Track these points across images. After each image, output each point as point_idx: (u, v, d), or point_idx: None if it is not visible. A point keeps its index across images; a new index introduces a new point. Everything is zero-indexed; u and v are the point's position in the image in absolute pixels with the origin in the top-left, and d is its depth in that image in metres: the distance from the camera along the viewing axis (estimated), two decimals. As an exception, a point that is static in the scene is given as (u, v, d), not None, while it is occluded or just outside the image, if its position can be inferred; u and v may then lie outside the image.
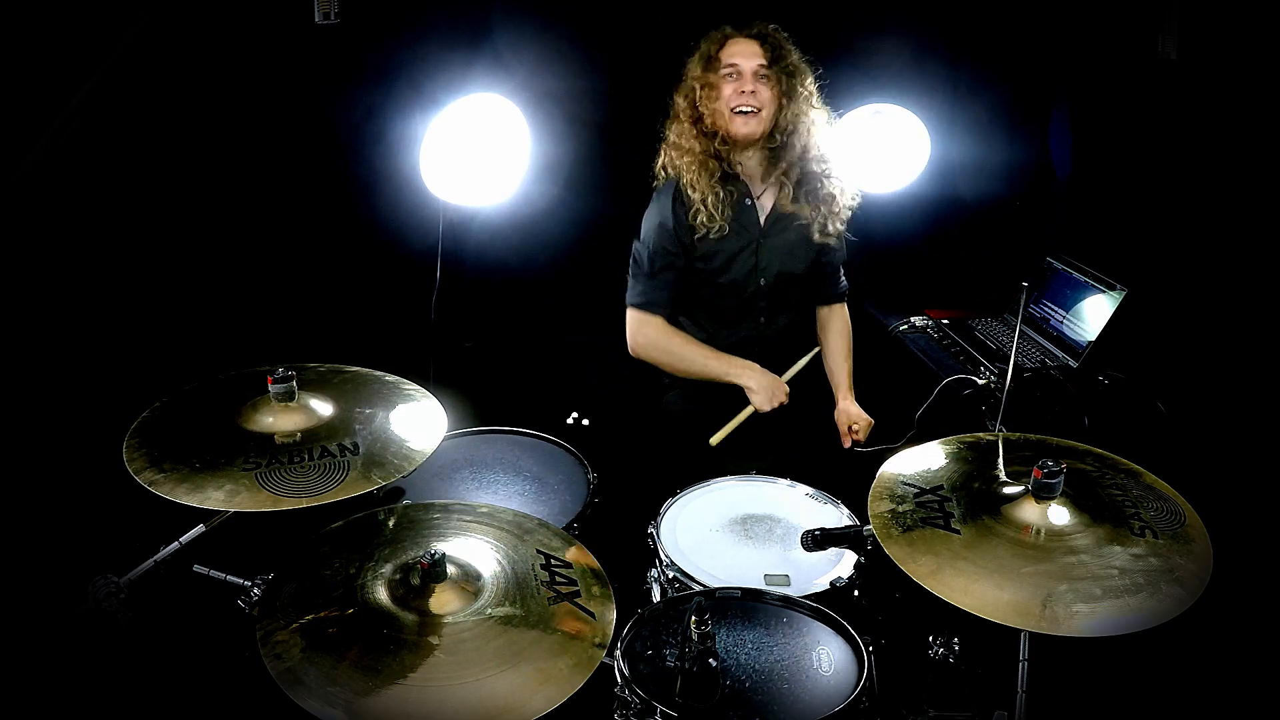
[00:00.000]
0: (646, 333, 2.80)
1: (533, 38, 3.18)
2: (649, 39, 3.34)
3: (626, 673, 1.80)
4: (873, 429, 2.80)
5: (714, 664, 1.71)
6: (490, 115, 2.87)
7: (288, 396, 2.07)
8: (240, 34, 2.77)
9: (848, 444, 2.77)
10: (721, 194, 2.68)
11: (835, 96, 2.85)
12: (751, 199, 2.76)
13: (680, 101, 2.73)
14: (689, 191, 2.70)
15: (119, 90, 2.44)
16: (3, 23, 2.20)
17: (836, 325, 2.99)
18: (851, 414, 2.82)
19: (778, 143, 2.70)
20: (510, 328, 3.60)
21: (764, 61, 2.63)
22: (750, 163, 2.75)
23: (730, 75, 2.63)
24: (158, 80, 2.57)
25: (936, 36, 3.39)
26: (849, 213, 2.82)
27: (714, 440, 2.73)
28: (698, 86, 2.67)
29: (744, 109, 2.63)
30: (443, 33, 3.12)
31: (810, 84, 2.72)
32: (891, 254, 3.43)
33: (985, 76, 3.46)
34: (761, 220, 2.76)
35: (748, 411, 2.73)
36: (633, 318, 2.82)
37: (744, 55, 2.64)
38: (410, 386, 2.28)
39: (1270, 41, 2.76)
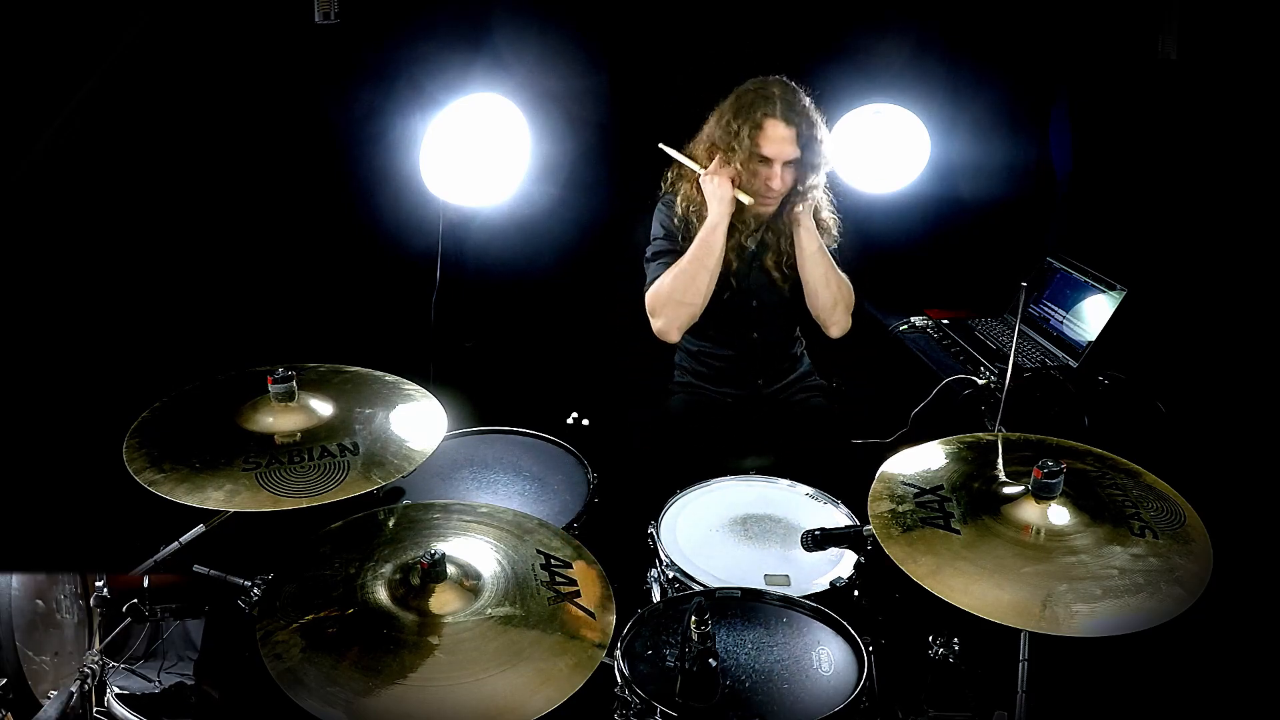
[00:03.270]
0: (652, 301, 2.72)
1: (533, 38, 3.18)
2: (649, 38, 3.34)
3: (626, 673, 1.80)
4: (875, 430, 2.80)
5: (714, 664, 1.71)
6: (490, 115, 2.88)
7: (288, 396, 2.07)
8: (240, 34, 2.77)
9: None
10: (732, 259, 2.72)
11: (835, 96, 2.85)
12: (750, 227, 2.77)
13: (709, 162, 2.70)
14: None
15: (119, 90, 2.44)
16: (3, 23, 2.20)
17: None
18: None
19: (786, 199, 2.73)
20: (510, 328, 3.60)
21: (796, 155, 2.63)
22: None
23: (763, 163, 2.63)
24: (158, 80, 2.57)
25: (936, 36, 3.39)
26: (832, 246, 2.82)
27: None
28: (733, 168, 2.65)
29: (770, 195, 2.67)
30: (443, 33, 3.12)
31: (829, 166, 2.73)
32: (891, 254, 3.43)
33: (985, 76, 3.46)
34: (755, 247, 2.77)
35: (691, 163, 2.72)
36: (648, 302, 2.74)
37: (778, 145, 2.61)
38: (410, 386, 2.28)
39: (1270, 41, 2.76)
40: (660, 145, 2.76)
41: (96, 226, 2.56)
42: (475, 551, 1.83)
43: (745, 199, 2.64)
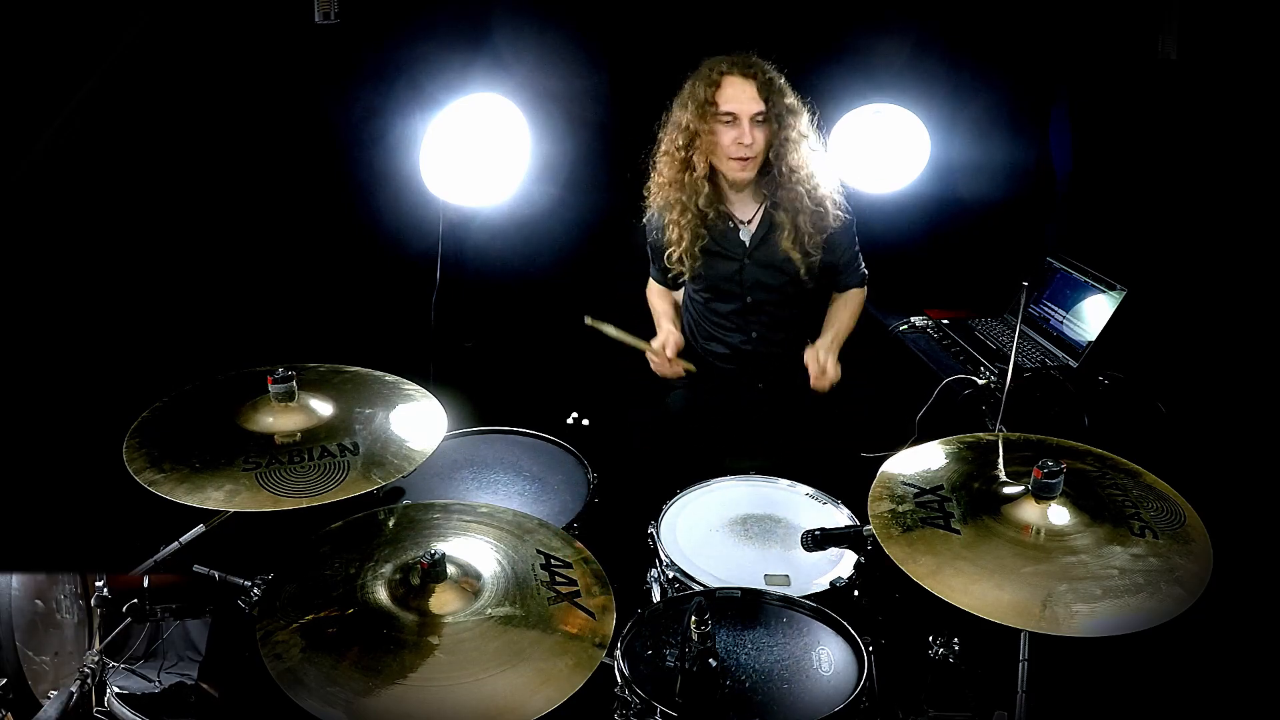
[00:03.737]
0: (649, 293, 3.03)
1: (533, 38, 3.18)
2: (649, 38, 3.34)
3: (626, 673, 1.80)
4: (875, 431, 2.79)
5: (714, 664, 1.71)
6: (490, 115, 2.88)
7: (288, 396, 2.08)
8: (240, 34, 2.77)
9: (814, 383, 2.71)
10: (700, 243, 2.74)
11: (835, 96, 2.85)
12: (737, 222, 2.77)
13: (670, 143, 2.69)
14: (669, 232, 2.75)
15: (119, 90, 2.44)
16: (3, 23, 2.20)
17: (842, 298, 2.94)
18: (819, 358, 2.72)
19: (769, 175, 2.70)
20: (510, 328, 3.60)
21: (761, 108, 2.59)
22: (741, 190, 2.77)
23: (728, 121, 2.60)
24: (158, 80, 2.57)
25: (936, 36, 3.38)
26: (835, 228, 2.80)
27: (595, 323, 2.63)
28: (692, 132, 2.63)
29: (741, 157, 2.63)
30: (443, 33, 3.12)
31: (804, 123, 2.69)
32: (891, 254, 3.43)
33: (985, 76, 3.46)
34: (747, 242, 2.77)
35: (638, 343, 2.72)
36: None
37: (740, 100, 2.58)
38: (410, 386, 2.28)
39: (1270, 41, 2.76)
40: (588, 320, 2.66)
41: (96, 226, 2.56)
42: (475, 551, 1.83)
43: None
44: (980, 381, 2.94)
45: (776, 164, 2.67)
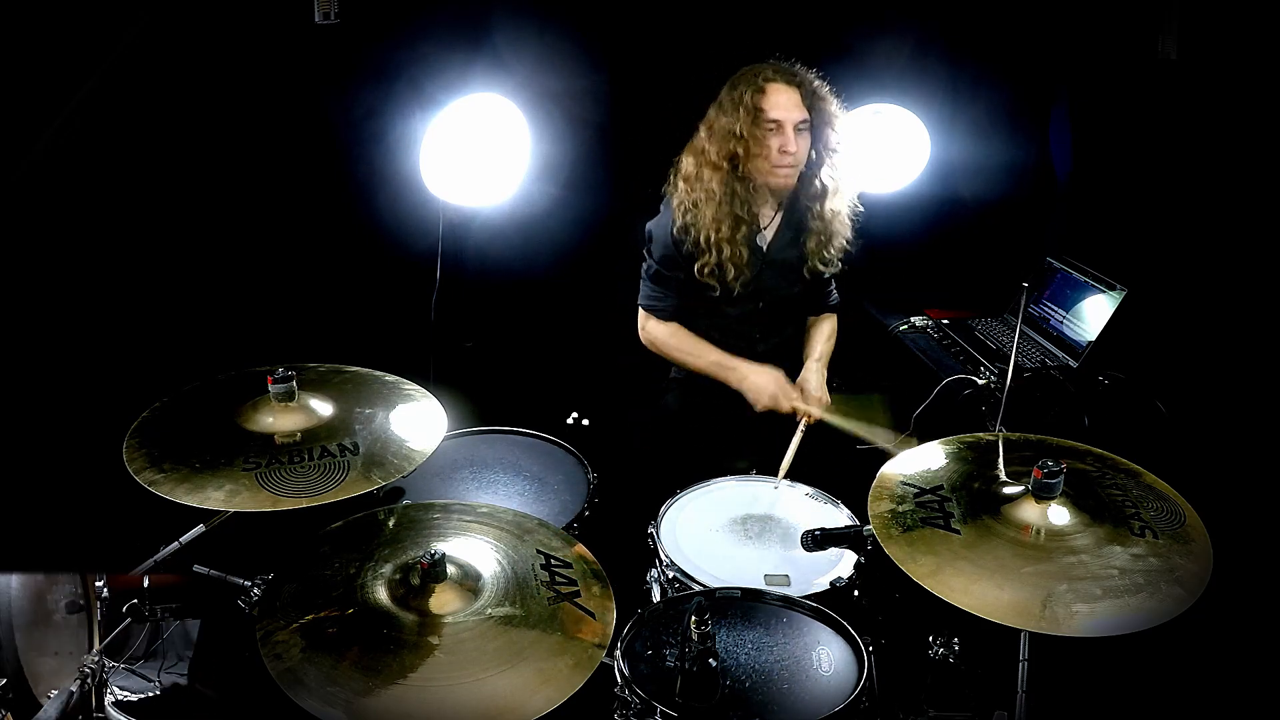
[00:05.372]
0: (649, 330, 2.85)
1: (533, 38, 3.18)
2: (650, 38, 3.34)
3: (626, 673, 1.80)
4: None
5: (714, 664, 1.71)
6: (490, 115, 2.88)
7: (288, 396, 2.08)
8: (240, 34, 2.77)
9: (796, 413, 2.65)
10: (743, 253, 2.66)
11: (835, 96, 2.84)
12: (759, 228, 2.76)
13: (712, 147, 2.65)
14: (703, 239, 2.66)
15: (119, 90, 2.44)
16: (3, 23, 2.20)
17: (819, 324, 2.96)
18: (809, 385, 2.73)
19: (802, 185, 2.71)
20: (510, 328, 3.60)
21: (805, 116, 2.60)
22: (769, 195, 2.76)
23: (773, 130, 2.59)
24: (158, 80, 2.57)
25: (936, 36, 3.38)
26: (843, 244, 2.81)
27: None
28: (737, 137, 2.60)
29: (786, 165, 2.62)
30: (443, 33, 3.12)
31: (842, 132, 2.69)
32: (891, 254, 3.43)
33: (985, 76, 3.46)
34: (765, 248, 2.76)
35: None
36: (641, 315, 2.86)
37: (785, 108, 2.58)
38: (410, 386, 2.28)
39: (1270, 41, 2.76)
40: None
41: (96, 226, 2.56)
42: (475, 551, 1.83)
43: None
44: (980, 381, 2.94)
45: (809, 172, 2.68)
